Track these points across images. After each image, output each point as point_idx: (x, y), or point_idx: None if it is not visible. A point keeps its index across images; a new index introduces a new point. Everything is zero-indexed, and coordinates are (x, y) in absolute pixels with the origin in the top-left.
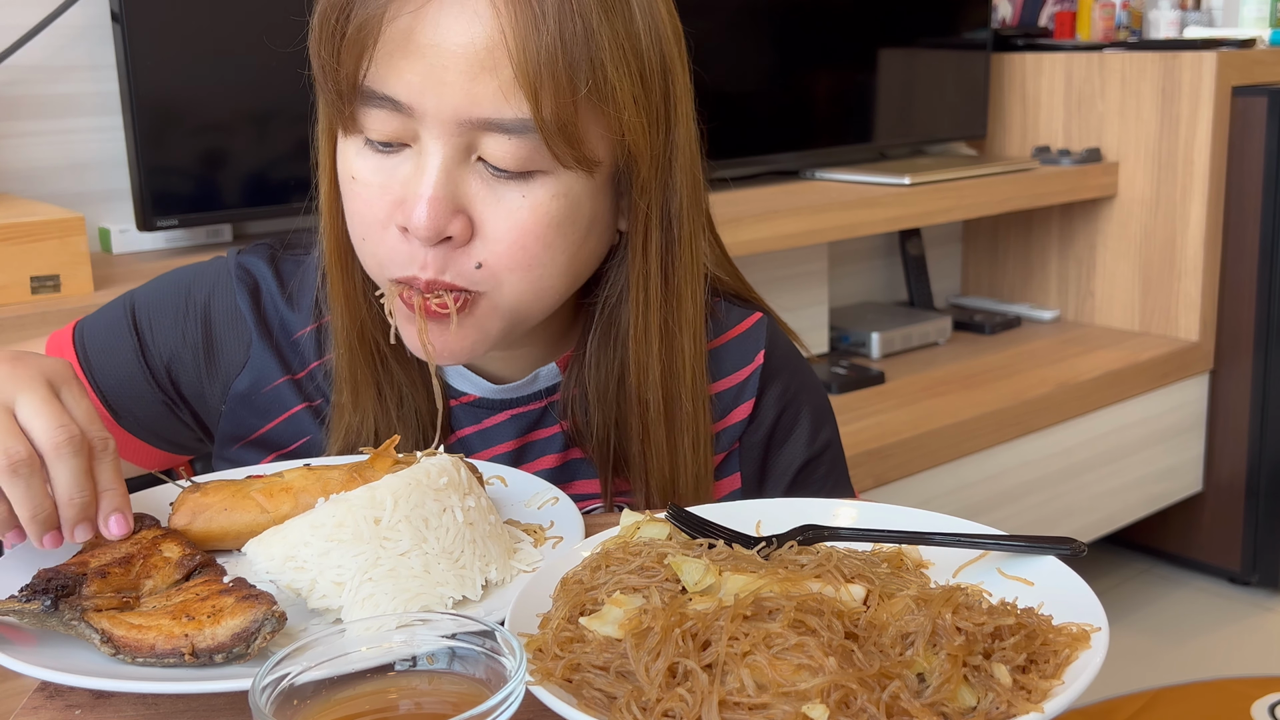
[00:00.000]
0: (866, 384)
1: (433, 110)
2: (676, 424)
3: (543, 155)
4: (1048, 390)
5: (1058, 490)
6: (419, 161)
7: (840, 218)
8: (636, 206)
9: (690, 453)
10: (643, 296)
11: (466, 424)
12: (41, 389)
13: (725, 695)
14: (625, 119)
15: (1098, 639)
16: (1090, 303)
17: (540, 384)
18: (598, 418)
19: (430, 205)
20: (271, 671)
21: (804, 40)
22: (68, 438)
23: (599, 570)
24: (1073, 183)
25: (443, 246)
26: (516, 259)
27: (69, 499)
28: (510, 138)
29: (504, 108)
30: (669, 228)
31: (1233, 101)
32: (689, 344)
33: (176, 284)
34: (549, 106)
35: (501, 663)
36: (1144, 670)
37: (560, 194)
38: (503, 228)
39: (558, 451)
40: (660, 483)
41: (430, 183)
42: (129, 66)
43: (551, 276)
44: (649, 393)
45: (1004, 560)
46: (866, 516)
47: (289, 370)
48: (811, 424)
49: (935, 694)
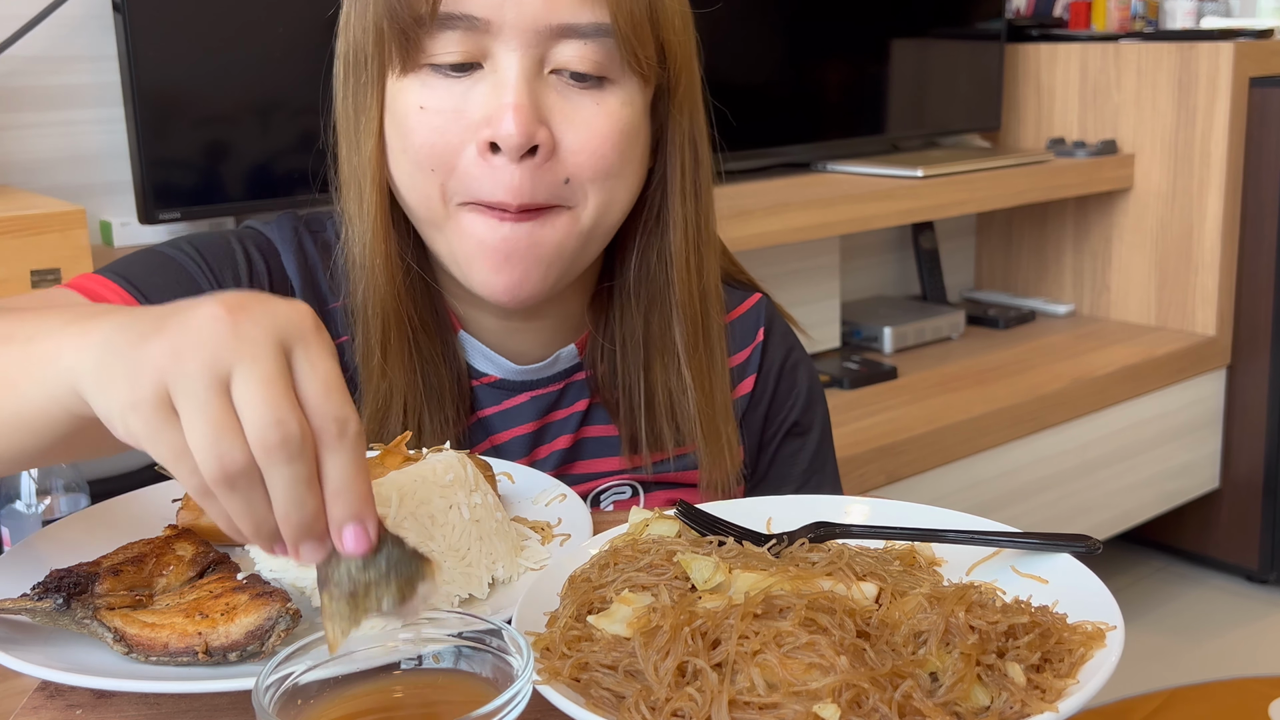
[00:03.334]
0: (878, 379)
1: (511, 20)
2: (711, 342)
3: (613, 61)
4: (1062, 386)
5: (1072, 487)
6: (495, 79)
7: (852, 211)
8: (675, 123)
9: (722, 372)
10: (681, 214)
11: (488, 404)
12: (267, 358)
13: (735, 695)
14: (676, 30)
15: (1113, 638)
16: (1106, 297)
17: (560, 365)
18: (628, 368)
19: (518, 112)
20: (275, 671)
21: (815, 30)
22: (281, 439)
23: (607, 568)
24: (1088, 175)
25: (528, 163)
26: (598, 167)
27: (284, 515)
28: (585, 43)
29: (581, 12)
30: (695, 148)
31: (1250, 93)
32: (714, 262)
33: (224, 241)
34: (625, 9)
35: (508, 661)
36: (1160, 669)
37: (627, 102)
38: (583, 136)
39: (572, 432)
40: (704, 398)
41: (514, 90)
42: (130, 57)
43: (622, 188)
44: (689, 309)
45: (1018, 558)
46: (878, 514)
47: None
48: (806, 399)
49: (948, 693)
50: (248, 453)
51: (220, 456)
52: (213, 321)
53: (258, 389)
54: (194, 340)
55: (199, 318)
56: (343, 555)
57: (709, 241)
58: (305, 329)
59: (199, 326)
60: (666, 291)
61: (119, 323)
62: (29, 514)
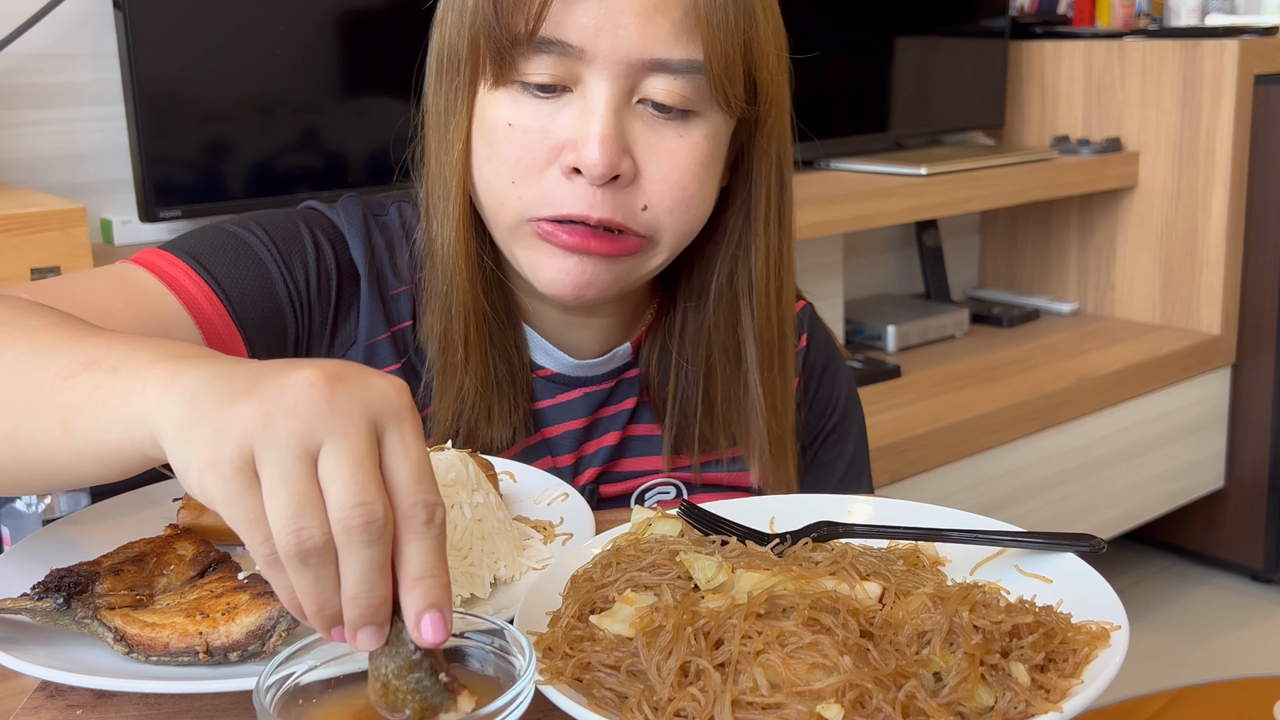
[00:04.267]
0: (882, 378)
1: (605, 52)
2: (787, 360)
3: (701, 96)
4: (1067, 384)
5: (1077, 486)
6: (584, 105)
7: (855, 208)
8: (763, 154)
9: (793, 391)
10: (764, 240)
11: (543, 397)
12: (359, 435)
13: (738, 695)
14: (769, 65)
15: (1117, 637)
16: (1110, 295)
17: (615, 363)
18: (684, 379)
19: (603, 143)
20: (276, 671)
21: (819, 27)
22: (364, 522)
23: (610, 567)
24: (1092, 173)
25: (610, 187)
26: (677, 198)
27: (352, 597)
28: (675, 78)
29: (674, 48)
30: (780, 176)
31: (1255, 90)
32: (793, 285)
33: (291, 223)
34: (719, 48)
35: (511, 661)
36: (1165, 669)
37: (710, 135)
38: (665, 166)
39: (620, 429)
40: (776, 418)
41: (601, 121)
42: (131, 54)
43: (697, 218)
44: (768, 331)
45: (1022, 557)
46: (882, 513)
47: (389, 325)
48: (844, 407)
49: (952, 693)
50: (327, 530)
51: (299, 530)
52: (309, 389)
53: (346, 467)
54: (287, 407)
55: (295, 384)
56: (400, 647)
57: (788, 266)
58: (400, 408)
59: (294, 394)
60: (741, 311)
61: (209, 374)
62: (29, 513)
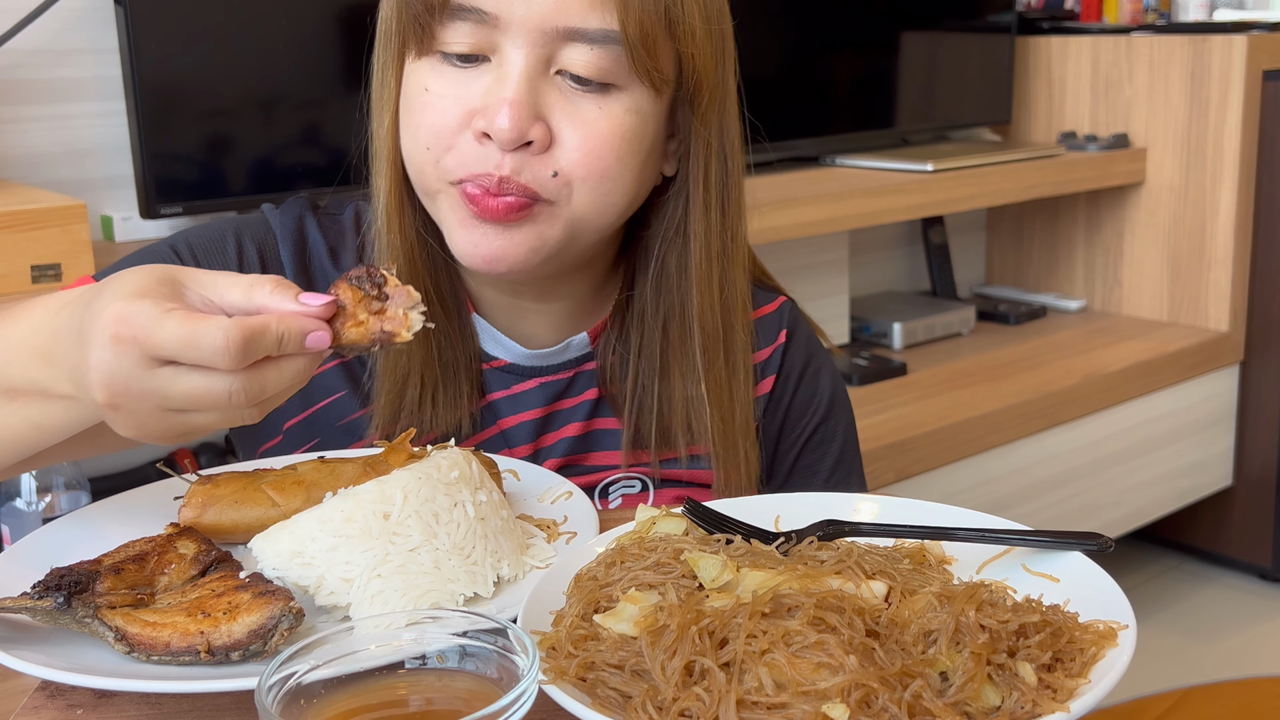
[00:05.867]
0: (888, 375)
1: (519, 18)
2: (733, 354)
3: (621, 68)
4: (1074, 382)
5: (1084, 484)
6: (500, 71)
7: (861, 205)
8: (697, 134)
9: (744, 386)
10: (703, 227)
11: (496, 388)
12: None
13: (743, 694)
14: (695, 40)
15: (1125, 637)
16: (1117, 292)
17: (570, 353)
18: (641, 371)
19: (513, 108)
20: (278, 670)
21: (824, 23)
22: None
23: (614, 566)
24: (1100, 169)
25: (520, 152)
26: (591, 168)
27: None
28: (592, 48)
29: (590, 17)
30: (724, 161)
31: (1264, 86)
32: (741, 276)
33: (220, 232)
34: (634, 18)
35: (514, 661)
36: (1172, 669)
37: (633, 109)
38: (580, 135)
39: (581, 420)
40: (720, 413)
41: (513, 86)
42: (131, 50)
43: (617, 193)
44: (709, 322)
45: (1029, 556)
46: (888, 511)
47: None
48: (827, 407)
49: (958, 693)
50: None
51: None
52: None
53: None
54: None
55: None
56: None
57: (735, 257)
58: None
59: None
60: (686, 302)
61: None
62: (29, 511)
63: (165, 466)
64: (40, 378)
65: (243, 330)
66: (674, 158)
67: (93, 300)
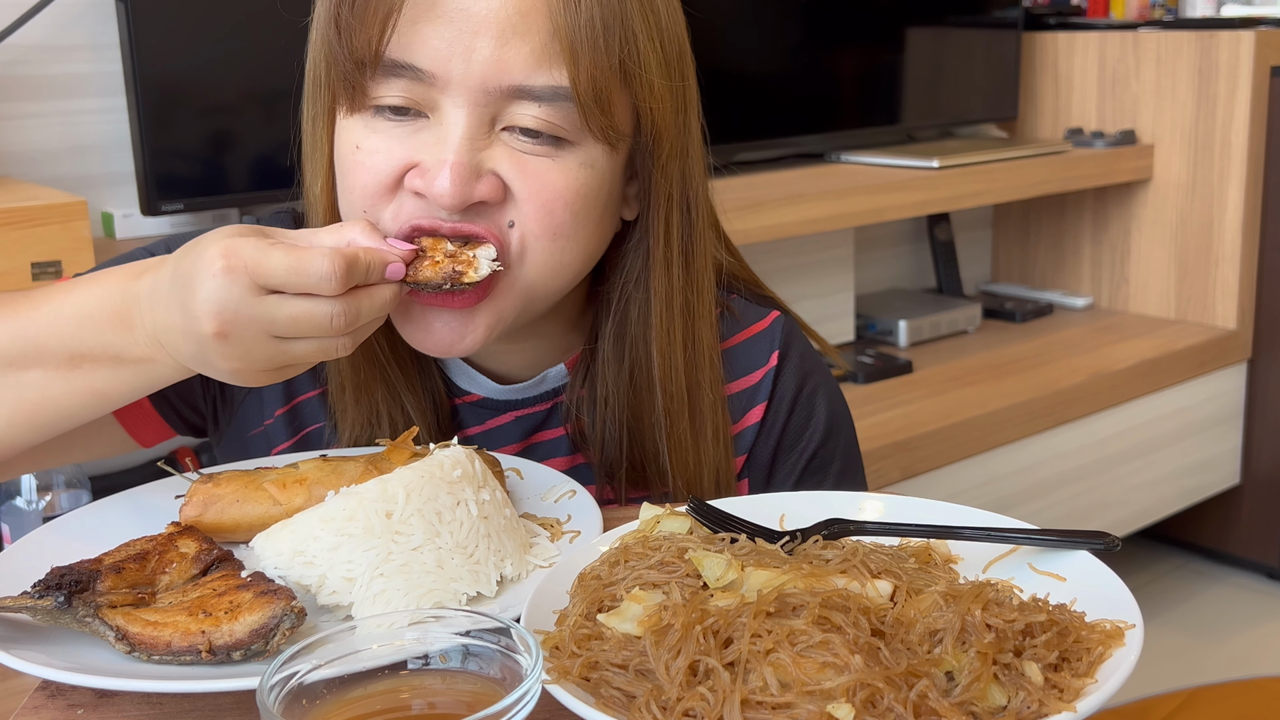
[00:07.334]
0: (893, 373)
1: (459, 78)
2: (699, 414)
3: (572, 124)
4: (1080, 380)
5: (1091, 483)
6: (440, 131)
7: (866, 202)
8: (658, 187)
9: (712, 446)
10: (664, 283)
11: (470, 424)
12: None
13: (748, 694)
14: (654, 92)
15: (1132, 636)
16: (1124, 290)
17: (547, 385)
18: (607, 419)
19: (455, 170)
20: (280, 670)
21: (829, 19)
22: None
23: (618, 565)
24: (1106, 166)
25: (471, 210)
26: (544, 223)
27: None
28: (541, 105)
29: (536, 74)
30: (687, 212)
31: (1272, 82)
32: (707, 332)
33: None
34: (586, 74)
35: (517, 661)
36: (1180, 668)
37: (587, 164)
38: (531, 188)
39: (565, 455)
40: (685, 476)
41: (454, 148)
42: (132, 46)
43: (573, 251)
44: (672, 382)
45: (1035, 555)
46: (893, 510)
47: None
48: (824, 432)
49: (964, 693)
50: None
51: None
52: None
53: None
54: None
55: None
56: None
57: (700, 311)
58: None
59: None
60: (649, 358)
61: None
62: (29, 510)
63: (166, 465)
64: (117, 341)
65: (344, 255)
66: (635, 201)
67: (188, 250)
